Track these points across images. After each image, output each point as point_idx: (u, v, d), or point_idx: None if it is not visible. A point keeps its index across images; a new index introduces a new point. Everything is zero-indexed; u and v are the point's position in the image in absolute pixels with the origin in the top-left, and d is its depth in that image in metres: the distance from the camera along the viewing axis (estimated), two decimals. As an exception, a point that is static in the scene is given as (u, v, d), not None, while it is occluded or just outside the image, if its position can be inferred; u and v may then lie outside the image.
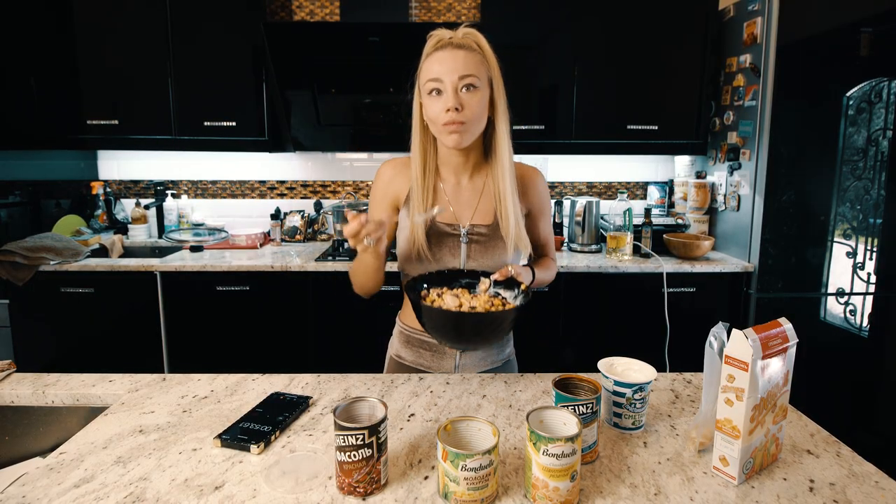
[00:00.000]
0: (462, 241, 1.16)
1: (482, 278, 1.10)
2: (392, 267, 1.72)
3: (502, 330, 0.99)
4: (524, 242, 1.16)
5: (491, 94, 1.09)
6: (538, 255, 1.34)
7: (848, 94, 2.13)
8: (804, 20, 2.08)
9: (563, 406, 0.79)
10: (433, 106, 1.06)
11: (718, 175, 2.45)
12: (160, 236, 2.70)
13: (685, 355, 2.24)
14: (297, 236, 2.69)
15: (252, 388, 1.06)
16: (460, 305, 1.01)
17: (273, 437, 0.87)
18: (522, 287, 1.06)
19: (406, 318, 1.28)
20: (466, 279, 1.12)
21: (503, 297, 1.08)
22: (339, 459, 0.73)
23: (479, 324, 0.93)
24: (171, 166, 2.82)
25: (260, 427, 0.88)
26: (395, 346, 1.29)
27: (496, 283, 1.09)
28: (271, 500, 0.72)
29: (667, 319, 2.19)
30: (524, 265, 1.18)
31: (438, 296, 1.06)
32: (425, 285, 1.09)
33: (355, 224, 0.95)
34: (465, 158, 1.15)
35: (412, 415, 0.96)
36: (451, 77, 1.04)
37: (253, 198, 2.87)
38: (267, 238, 2.70)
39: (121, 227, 2.73)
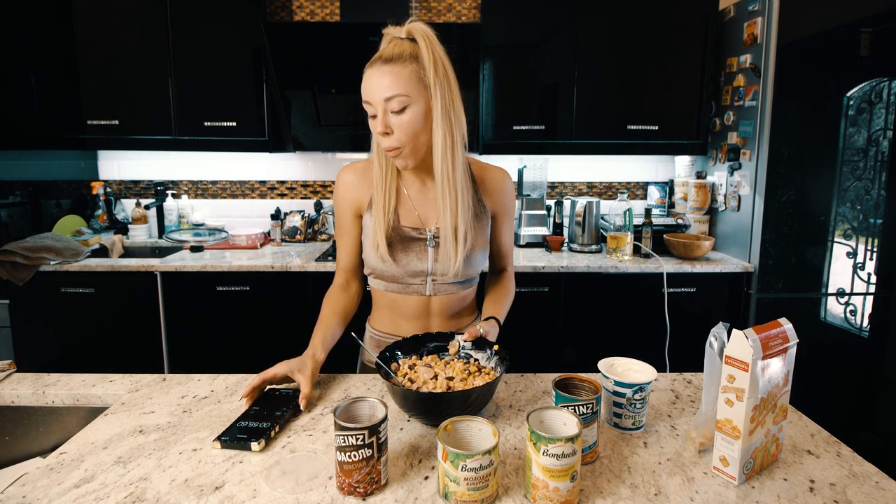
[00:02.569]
0: (429, 244, 1.14)
1: (452, 338, 1.08)
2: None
3: (486, 401, 0.95)
4: (468, 245, 1.12)
5: (429, 100, 1.02)
6: (495, 269, 1.30)
7: (848, 94, 2.13)
8: (804, 20, 2.08)
9: (564, 406, 0.79)
10: (372, 128, 1.04)
11: (718, 175, 2.45)
12: (160, 236, 2.70)
13: (685, 355, 2.24)
14: (298, 236, 2.69)
15: (252, 389, 1.06)
16: (435, 377, 0.97)
17: (273, 433, 0.87)
18: (495, 348, 1.03)
19: (375, 322, 1.26)
20: (435, 342, 1.08)
21: (476, 359, 1.05)
22: (339, 460, 0.73)
23: (463, 401, 0.88)
24: (171, 166, 2.82)
25: (258, 424, 0.88)
26: (366, 353, 1.26)
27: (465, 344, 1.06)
28: (271, 500, 0.72)
29: (667, 319, 2.19)
30: (487, 318, 1.14)
31: (410, 368, 1.01)
32: (398, 352, 1.05)
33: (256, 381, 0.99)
34: (426, 161, 1.09)
35: (412, 415, 0.96)
36: (378, 99, 1.00)
37: (253, 198, 2.87)
38: (267, 238, 2.70)
39: (121, 228, 2.73)
